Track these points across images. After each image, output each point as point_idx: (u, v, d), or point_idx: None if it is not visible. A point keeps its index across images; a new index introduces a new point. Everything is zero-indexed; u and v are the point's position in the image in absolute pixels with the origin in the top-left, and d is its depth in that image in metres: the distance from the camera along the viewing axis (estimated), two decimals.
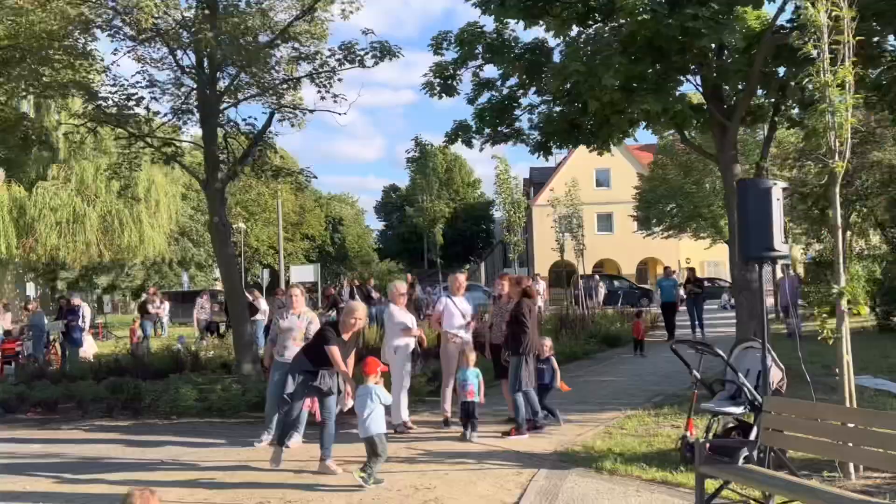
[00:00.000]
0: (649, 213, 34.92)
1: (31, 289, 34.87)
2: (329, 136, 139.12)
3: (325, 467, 6.86)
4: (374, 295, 23.72)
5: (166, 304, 26.00)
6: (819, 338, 5.94)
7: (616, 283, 36.22)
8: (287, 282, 34.57)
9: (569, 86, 10.71)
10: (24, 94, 15.60)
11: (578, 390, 11.00)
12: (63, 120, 25.11)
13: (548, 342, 8.90)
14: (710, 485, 5.37)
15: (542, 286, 21.49)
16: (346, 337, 7.07)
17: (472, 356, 8.27)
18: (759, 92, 11.16)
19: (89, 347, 17.12)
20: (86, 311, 17.86)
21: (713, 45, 10.09)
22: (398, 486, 6.41)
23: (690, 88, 11.75)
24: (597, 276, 31.86)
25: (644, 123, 11.58)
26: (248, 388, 10.54)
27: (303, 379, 6.95)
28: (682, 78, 10.76)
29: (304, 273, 38.60)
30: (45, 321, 17.59)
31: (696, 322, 17.69)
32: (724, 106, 11.03)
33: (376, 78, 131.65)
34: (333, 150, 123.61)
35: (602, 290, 29.84)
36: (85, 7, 12.22)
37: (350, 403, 7.19)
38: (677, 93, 10.46)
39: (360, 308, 7.31)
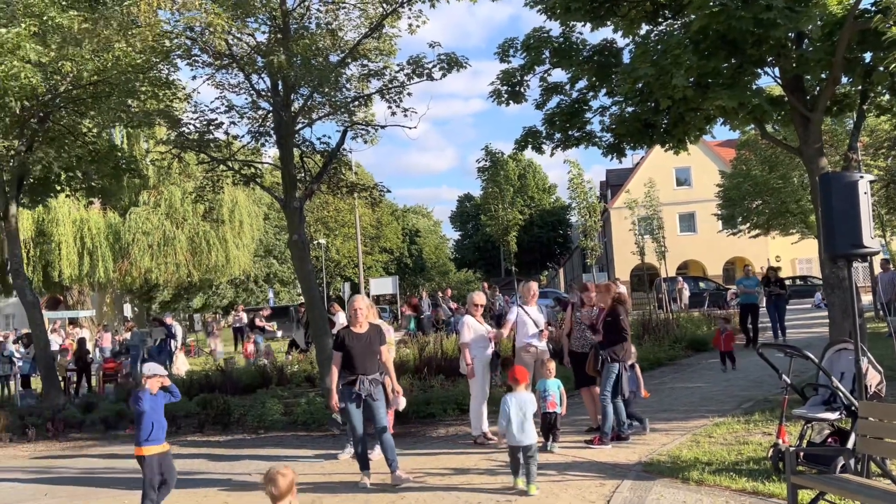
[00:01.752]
0: (734, 211, 33.72)
1: (127, 310, 36.66)
2: (402, 150, 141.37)
3: (398, 478, 6.91)
4: (453, 305, 23.84)
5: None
6: None
7: (702, 284, 35.10)
8: (367, 295, 35.08)
9: (640, 86, 10.48)
10: (114, 125, 16.49)
11: (663, 397, 10.71)
12: (151, 148, 26.39)
13: (632, 349, 8.74)
14: (805, 496, 5.12)
15: (622, 291, 20.98)
16: (358, 330, 7.11)
17: (552, 366, 8.16)
18: (844, 80, 10.60)
19: (181, 364, 17.83)
20: (177, 329, 18.64)
21: (791, 35, 9.68)
22: (479, 498, 6.38)
23: (769, 81, 11.28)
24: (679, 278, 30.96)
25: (721, 120, 11.19)
26: None
27: (343, 388, 7.04)
28: (759, 71, 10.33)
29: (383, 285, 39.04)
30: (141, 340, 18.46)
31: (778, 326, 16.24)
32: (807, 97, 10.54)
33: (446, 89, 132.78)
34: (406, 163, 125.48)
35: (686, 293, 28.99)
36: (164, 38, 12.83)
37: (403, 403, 7.39)
38: (754, 86, 10.05)
39: (357, 298, 7.41)
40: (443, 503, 6.32)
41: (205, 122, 13.66)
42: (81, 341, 18.41)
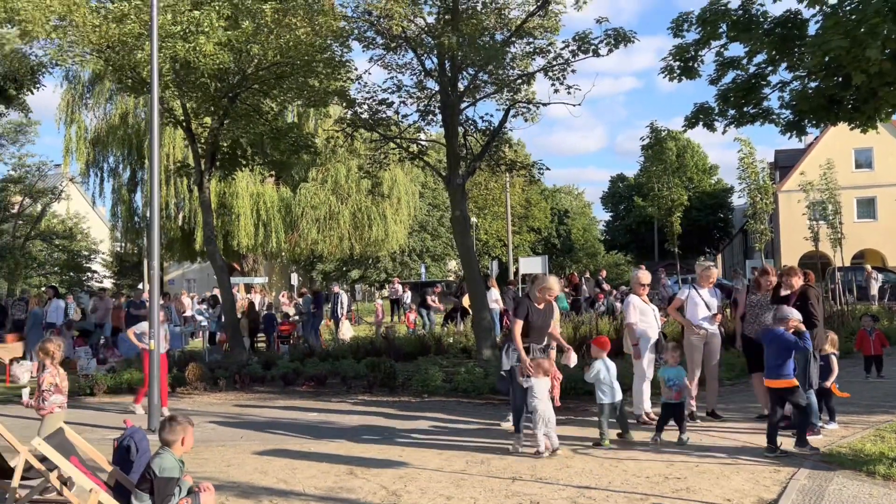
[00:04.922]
0: None
1: (294, 279, 39.21)
2: (548, 130, 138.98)
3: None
4: (605, 287, 23.58)
5: (408, 293, 27.90)
6: None
7: (881, 275, 32.25)
8: (515, 273, 35.27)
9: (827, 59, 9.82)
10: (294, 103, 17.63)
11: (842, 391, 10.09)
12: (321, 126, 27.98)
13: (833, 337, 8.24)
14: None
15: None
16: (540, 306, 7.67)
17: (677, 354, 7.83)
18: None
19: (346, 331, 18.94)
20: (343, 298, 19.79)
21: None
22: (646, 473, 6.42)
23: None
24: (868, 267, 28.56)
25: None
26: (489, 373, 11.08)
27: (515, 352, 7.40)
28: None
29: (532, 265, 39.03)
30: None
31: None
32: None
33: (597, 67, 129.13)
34: (552, 143, 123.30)
35: (875, 284, 26.77)
36: (343, 21, 13.58)
37: (574, 358, 7.70)
38: None
39: (553, 280, 7.86)
40: (609, 473, 6.42)
41: (376, 102, 14.35)
42: (251, 305, 20.03)
